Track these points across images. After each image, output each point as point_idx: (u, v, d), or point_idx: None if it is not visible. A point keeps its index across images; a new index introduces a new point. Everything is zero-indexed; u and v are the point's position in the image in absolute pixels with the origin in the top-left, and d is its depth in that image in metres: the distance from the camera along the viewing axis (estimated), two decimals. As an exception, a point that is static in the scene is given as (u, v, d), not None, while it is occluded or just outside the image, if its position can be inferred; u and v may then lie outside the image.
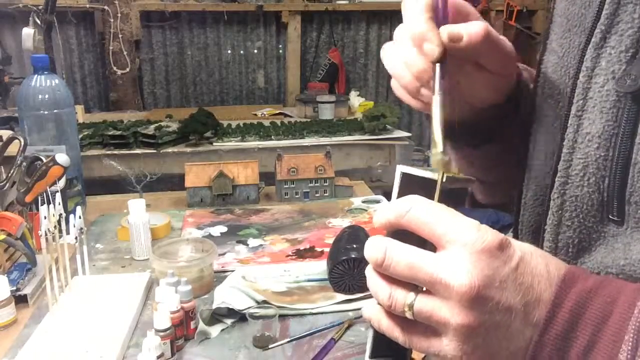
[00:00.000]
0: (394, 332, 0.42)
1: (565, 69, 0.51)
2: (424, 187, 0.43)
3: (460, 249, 0.38)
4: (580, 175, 0.47)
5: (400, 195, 0.44)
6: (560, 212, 0.49)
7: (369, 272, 0.43)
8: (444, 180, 0.42)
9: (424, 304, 0.40)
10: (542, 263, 0.40)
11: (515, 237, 0.59)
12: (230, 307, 0.92)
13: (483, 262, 0.38)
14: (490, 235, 0.39)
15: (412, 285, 0.41)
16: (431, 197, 0.42)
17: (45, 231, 0.92)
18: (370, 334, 0.46)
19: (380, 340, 0.45)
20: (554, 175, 0.50)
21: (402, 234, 0.42)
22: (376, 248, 0.41)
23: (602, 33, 0.45)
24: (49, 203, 0.95)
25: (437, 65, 0.47)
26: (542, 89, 0.55)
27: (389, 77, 0.56)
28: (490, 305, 0.38)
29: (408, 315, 0.41)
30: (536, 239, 0.54)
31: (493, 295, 0.38)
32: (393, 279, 0.41)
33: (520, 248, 0.40)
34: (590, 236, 0.48)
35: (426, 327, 0.41)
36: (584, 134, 0.47)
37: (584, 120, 0.47)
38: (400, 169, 0.44)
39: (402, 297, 0.41)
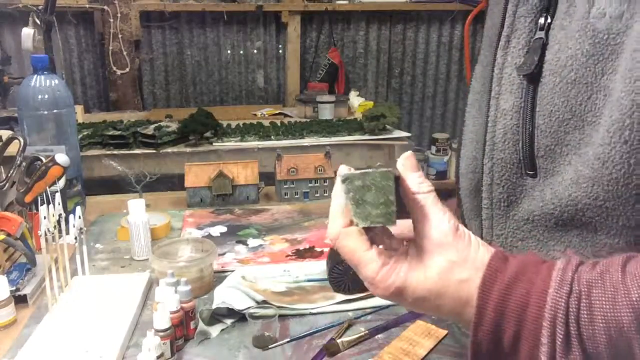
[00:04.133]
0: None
1: (487, 73, 0.66)
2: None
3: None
4: (502, 142, 0.62)
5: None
6: (491, 173, 0.63)
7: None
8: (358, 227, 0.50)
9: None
10: (441, 297, 0.48)
11: (459, 200, 0.74)
12: (230, 307, 0.92)
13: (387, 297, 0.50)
14: (383, 290, 0.49)
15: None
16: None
17: (45, 231, 0.92)
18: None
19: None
20: (484, 145, 0.64)
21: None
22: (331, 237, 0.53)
23: (506, 37, 0.62)
24: (48, 203, 0.95)
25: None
26: (473, 87, 0.72)
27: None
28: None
29: None
30: (475, 199, 0.68)
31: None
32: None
33: (414, 295, 0.49)
34: (516, 190, 0.61)
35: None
36: (501, 110, 0.62)
37: (500, 100, 0.62)
38: (342, 184, 0.50)
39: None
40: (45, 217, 0.93)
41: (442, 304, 0.49)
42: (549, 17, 0.58)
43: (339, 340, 0.87)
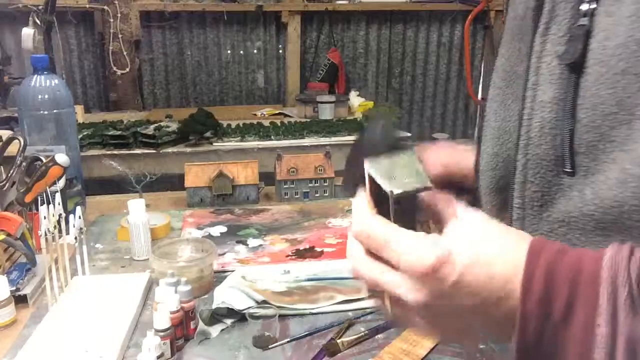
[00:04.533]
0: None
1: (512, 66, 0.64)
2: (385, 195, 0.48)
3: (406, 274, 0.46)
4: (538, 136, 0.57)
5: (370, 191, 0.50)
6: (525, 170, 0.59)
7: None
8: (395, 196, 0.47)
9: (395, 304, 0.48)
10: (490, 265, 0.45)
11: (478, 199, 0.70)
12: (230, 307, 0.92)
13: (425, 284, 0.45)
14: (428, 257, 0.45)
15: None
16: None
17: (45, 231, 0.92)
18: None
19: None
20: (518, 139, 0.60)
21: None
22: (350, 264, 0.50)
23: (545, 24, 0.58)
24: (48, 203, 0.95)
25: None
26: (494, 82, 0.69)
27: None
28: (442, 312, 0.46)
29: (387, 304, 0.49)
30: (496, 197, 0.66)
31: (444, 303, 0.45)
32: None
33: (460, 262, 0.45)
34: (551, 189, 0.57)
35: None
36: (538, 102, 0.58)
37: (538, 91, 0.58)
38: (368, 168, 0.49)
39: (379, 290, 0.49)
40: (45, 217, 0.93)
41: (495, 271, 0.45)
42: (593, 2, 0.54)
43: (339, 340, 0.87)
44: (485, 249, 0.46)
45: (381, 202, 0.48)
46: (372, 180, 0.49)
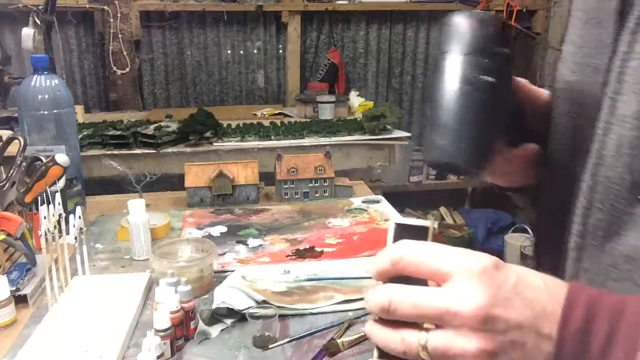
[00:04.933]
0: None
1: (587, 57, 0.54)
2: (416, 235, 0.45)
3: (460, 277, 0.40)
4: (612, 156, 0.48)
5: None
6: (591, 193, 0.50)
7: (372, 326, 0.43)
8: (436, 227, 0.45)
9: (438, 340, 0.40)
10: (538, 278, 0.42)
11: (538, 219, 0.62)
12: (230, 307, 0.92)
13: (484, 283, 0.39)
14: (484, 258, 0.41)
15: (421, 326, 0.41)
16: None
17: (45, 231, 0.92)
18: None
19: None
20: (587, 155, 0.50)
21: (400, 280, 0.43)
22: (379, 295, 0.42)
23: (637, 19, 0.46)
24: (48, 203, 0.95)
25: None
26: (561, 74, 0.58)
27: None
28: (501, 324, 0.39)
29: (424, 356, 0.40)
30: (557, 220, 0.55)
31: (501, 314, 0.39)
32: (399, 325, 0.41)
33: (514, 267, 0.42)
34: (621, 219, 0.48)
35: None
36: (619, 115, 0.47)
37: (618, 102, 0.47)
38: (394, 220, 0.47)
39: (414, 338, 0.41)
40: (45, 217, 0.93)
41: (546, 277, 0.42)
42: None
43: (339, 340, 0.87)
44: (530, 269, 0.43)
45: None
46: (398, 233, 0.47)
